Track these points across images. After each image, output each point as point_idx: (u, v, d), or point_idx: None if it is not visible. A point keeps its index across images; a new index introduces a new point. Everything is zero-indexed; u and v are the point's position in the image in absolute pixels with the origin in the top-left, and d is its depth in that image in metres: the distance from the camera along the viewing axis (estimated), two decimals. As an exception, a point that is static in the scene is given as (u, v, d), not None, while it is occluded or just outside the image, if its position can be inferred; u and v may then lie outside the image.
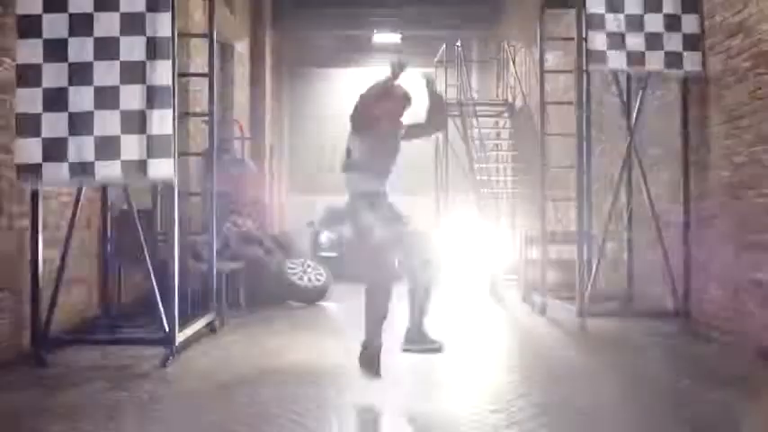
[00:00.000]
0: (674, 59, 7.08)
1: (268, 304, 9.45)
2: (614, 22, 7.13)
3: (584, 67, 7.48)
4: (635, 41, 7.10)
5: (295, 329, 7.85)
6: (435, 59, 15.61)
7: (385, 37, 18.40)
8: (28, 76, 5.49)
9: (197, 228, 9.16)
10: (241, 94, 14.52)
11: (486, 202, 13.34)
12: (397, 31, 18.08)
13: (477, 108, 14.67)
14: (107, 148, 5.53)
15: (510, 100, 15.19)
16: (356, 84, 6.47)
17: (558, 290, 8.98)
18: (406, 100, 5.37)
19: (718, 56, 6.78)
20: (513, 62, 14.71)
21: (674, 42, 7.09)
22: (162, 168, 5.63)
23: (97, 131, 5.52)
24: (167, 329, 5.87)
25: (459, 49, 14.62)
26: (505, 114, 15.29)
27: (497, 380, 5.51)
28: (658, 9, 7.17)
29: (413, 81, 5.28)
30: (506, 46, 15.24)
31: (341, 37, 19.50)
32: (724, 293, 6.68)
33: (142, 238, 6.06)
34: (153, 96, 5.62)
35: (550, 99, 9.21)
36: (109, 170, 5.55)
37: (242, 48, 14.61)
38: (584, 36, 7.34)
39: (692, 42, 7.08)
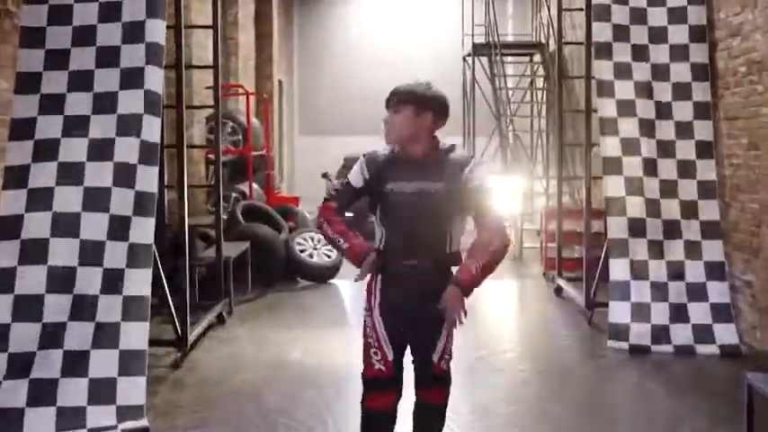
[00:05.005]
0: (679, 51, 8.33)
1: (277, 284, 11.09)
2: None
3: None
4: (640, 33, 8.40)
5: (301, 319, 9.45)
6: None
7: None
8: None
9: (201, 207, 10.81)
10: (246, 36, 15.89)
11: (515, 152, 14.78)
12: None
13: (506, 50, 16.01)
14: None
15: (543, 41, 16.44)
16: (370, 15, 7.11)
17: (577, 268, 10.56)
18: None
19: (722, 53, 8.13)
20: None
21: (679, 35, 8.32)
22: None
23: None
24: (180, 333, 7.47)
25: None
26: (537, 58, 16.51)
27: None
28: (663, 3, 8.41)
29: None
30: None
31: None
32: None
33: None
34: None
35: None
36: None
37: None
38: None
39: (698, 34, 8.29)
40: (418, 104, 4.18)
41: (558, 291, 10.50)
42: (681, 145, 8.25)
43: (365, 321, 4.37)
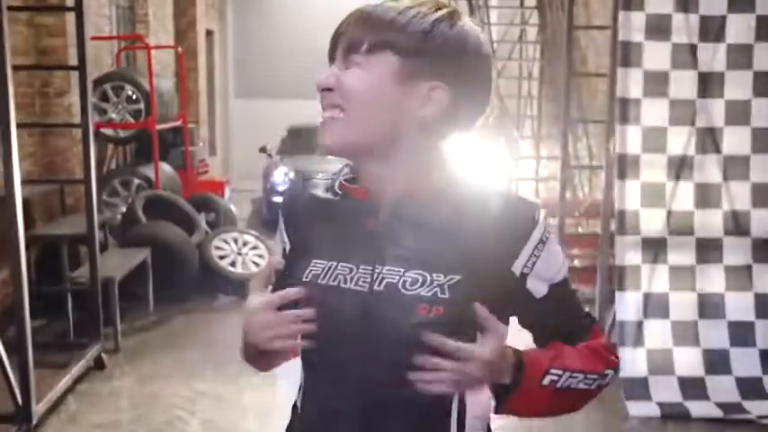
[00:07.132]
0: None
1: (188, 302, 9.96)
2: None
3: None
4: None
5: (211, 359, 8.15)
6: None
7: None
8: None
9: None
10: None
11: (499, 122, 13.85)
12: None
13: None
14: None
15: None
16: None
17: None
18: None
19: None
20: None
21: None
22: None
23: None
24: (20, 402, 6.07)
25: None
26: (531, 2, 15.60)
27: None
28: None
29: None
30: None
31: None
32: None
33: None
34: None
35: None
36: None
37: None
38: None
39: None
40: (409, 53, 1.81)
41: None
42: (730, 134, 7.28)
43: None
